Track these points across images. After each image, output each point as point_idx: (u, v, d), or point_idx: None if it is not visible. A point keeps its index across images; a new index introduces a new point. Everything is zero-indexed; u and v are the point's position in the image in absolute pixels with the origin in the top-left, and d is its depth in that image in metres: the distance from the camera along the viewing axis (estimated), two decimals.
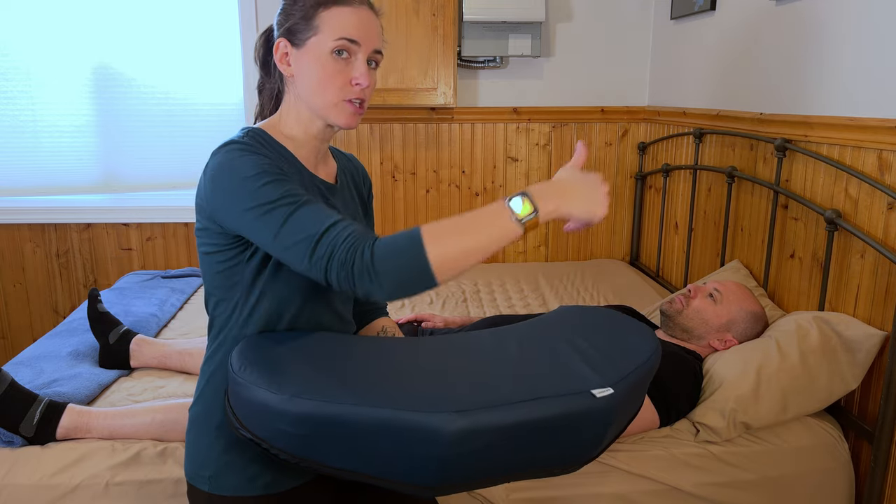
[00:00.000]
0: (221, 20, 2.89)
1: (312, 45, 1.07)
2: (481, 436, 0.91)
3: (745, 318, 1.75)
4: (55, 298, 3.09)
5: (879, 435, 1.52)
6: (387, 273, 0.91)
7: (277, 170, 1.01)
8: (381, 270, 0.92)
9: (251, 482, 1.10)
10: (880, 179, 1.59)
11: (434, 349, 1.09)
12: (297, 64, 1.09)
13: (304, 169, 1.12)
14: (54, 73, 2.87)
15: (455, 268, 0.93)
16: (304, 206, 0.97)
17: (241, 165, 1.00)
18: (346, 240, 0.94)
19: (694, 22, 2.55)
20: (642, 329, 1.14)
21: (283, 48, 1.10)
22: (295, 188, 1.00)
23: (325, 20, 1.06)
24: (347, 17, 1.06)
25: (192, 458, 1.14)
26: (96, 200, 3.00)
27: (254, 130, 1.10)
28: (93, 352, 1.94)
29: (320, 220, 0.96)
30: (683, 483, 1.50)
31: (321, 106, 1.09)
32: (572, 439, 0.96)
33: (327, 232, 0.95)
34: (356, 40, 1.07)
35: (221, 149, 1.04)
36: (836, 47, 1.73)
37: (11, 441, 1.49)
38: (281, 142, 1.11)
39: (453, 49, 2.70)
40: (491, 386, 0.97)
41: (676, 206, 2.70)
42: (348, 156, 1.32)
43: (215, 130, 2.98)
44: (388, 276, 0.92)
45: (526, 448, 0.95)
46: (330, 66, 1.07)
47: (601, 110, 3.04)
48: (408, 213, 3.09)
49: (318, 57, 1.06)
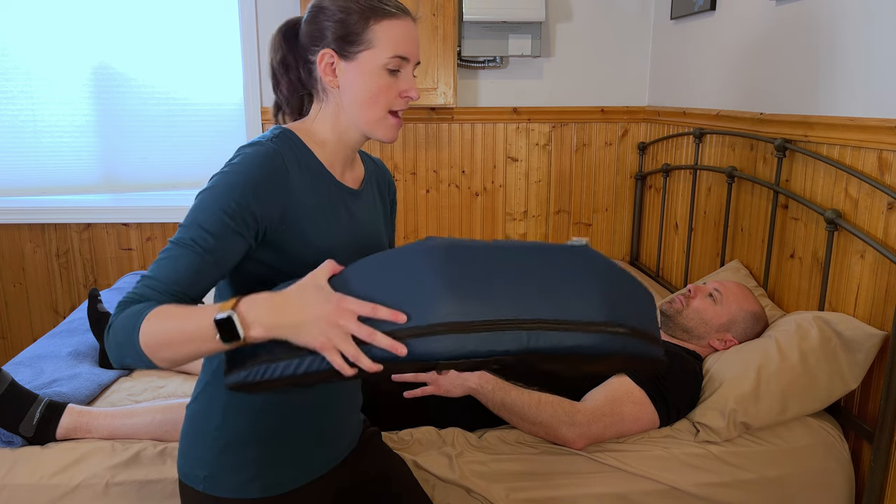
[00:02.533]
0: (221, 20, 2.89)
1: (365, 60, 1.05)
2: (463, 252, 0.90)
3: (745, 318, 1.75)
4: (55, 298, 3.09)
5: (879, 435, 1.52)
6: (111, 348, 0.94)
7: (239, 209, 0.97)
8: (108, 344, 0.95)
9: (248, 484, 1.10)
10: (880, 179, 1.59)
11: None
12: (345, 76, 1.07)
13: (328, 176, 1.11)
14: (54, 73, 2.87)
15: (163, 355, 0.91)
16: (188, 253, 0.96)
17: (230, 178, 0.99)
18: (126, 296, 0.96)
19: (694, 22, 2.55)
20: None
21: (328, 59, 1.07)
22: (220, 233, 0.96)
23: (378, 34, 1.05)
24: (399, 31, 1.06)
25: (188, 457, 1.12)
26: (96, 200, 3.00)
27: (285, 132, 1.08)
28: (93, 352, 1.94)
29: (155, 269, 0.97)
30: (683, 483, 1.50)
31: (367, 120, 1.08)
32: (566, 289, 0.92)
33: (141, 279, 0.97)
34: (407, 57, 1.07)
35: (244, 149, 1.03)
36: (836, 47, 1.73)
37: (11, 441, 1.49)
38: (310, 146, 1.10)
39: (453, 49, 2.70)
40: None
41: (676, 206, 2.70)
42: (376, 160, 1.30)
43: (215, 130, 2.98)
44: (112, 351, 0.94)
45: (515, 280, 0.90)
46: (383, 81, 1.06)
47: (601, 110, 3.04)
48: (408, 214, 3.09)
49: (372, 72, 1.05)
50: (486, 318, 0.88)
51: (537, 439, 1.55)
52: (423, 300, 0.88)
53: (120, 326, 0.93)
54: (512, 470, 1.49)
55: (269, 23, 2.87)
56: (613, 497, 1.49)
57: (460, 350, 0.87)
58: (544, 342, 0.89)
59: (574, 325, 0.90)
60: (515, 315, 0.89)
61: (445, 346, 0.86)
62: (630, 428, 1.55)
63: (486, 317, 0.88)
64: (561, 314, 0.90)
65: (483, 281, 0.89)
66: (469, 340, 0.87)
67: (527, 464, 1.49)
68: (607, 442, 1.55)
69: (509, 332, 0.88)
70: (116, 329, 0.94)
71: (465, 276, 0.89)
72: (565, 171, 3.09)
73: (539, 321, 0.89)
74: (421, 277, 0.89)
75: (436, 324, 0.87)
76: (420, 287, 0.89)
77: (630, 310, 0.97)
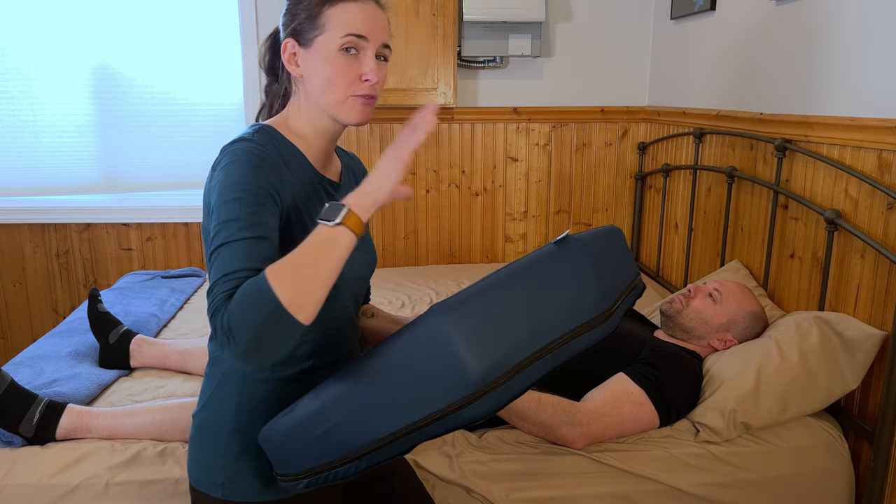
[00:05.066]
0: (221, 21, 2.89)
1: (320, 44, 1.06)
2: (470, 307, 0.92)
3: (745, 318, 1.75)
4: (55, 298, 3.09)
5: (879, 435, 1.52)
6: (242, 332, 0.87)
7: (258, 189, 0.98)
8: (236, 331, 0.87)
9: (266, 487, 1.09)
10: (880, 179, 1.59)
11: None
12: (305, 63, 1.08)
13: (311, 168, 1.12)
14: (54, 73, 2.87)
15: (308, 296, 0.89)
16: (239, 242, 0.94)
17: (233, 171, 0.99)
18: (217, 300, 0.91)
19: (694, 22, 2.55)
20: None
21: (290, 48, 1.08)
22: (253, 216, 0.96)
23: (331, 17, 1.05)
24: (353, 12, 1.05)
25: (201, 465, 1.11)
26: (96, 200, 3.00)
27: (264, 128, 1.09)
28: (93, 352, 1.94)
29: (225, 267, 0.93)
30: (683, 483, 1.50)
31: (331, 104, 1.08)
32: (564, 289, 0.96)
33: (215, 285, 0.92)
34: (364, 35, 1.06)
35: (230, 146, 1.03)
36: (836, 47, 1.73)
37: (11, 441, 1.49)
38: (291, 140, 1.10)
39: (453, 49, 2.70)
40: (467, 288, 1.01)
41: (676, 206, 2.70)
42: (351, 155, 1.31)
43: (215, 131, 2.98)
44: (245, 335, 0.87)
45: (525, 311, 0.93)
46: (339, 63, 1.05)
47: (601, 110, 3.04)
48: (408, 213, 3.09)
49: (327, 55, 1.05)
50: (514, 363, 0.92)
51: (537, 439, 1.55)
52: (456, 375, 0.90)
53: (243, 308, 0.87)
54: (512, 470, 1.49)
55: (269, 23, 2.87)
56: (613, 497, 1.49)
57: (498, 404, 0.92)
58: (565, 354, 0.95)
59: (586, 326, 0.96)
60: (538, 346, 0.94)
61: (485, 408, 0.91)
62: (630, 428, 1.55)
63: (514, 362, 0.92)
64: (574, 321, 0.96)
65: (499, 329, 0.92)
66: (505, 391, 0.92)
67: (527, 464, 1.49)
68: (607, 442, 1.55)
69: (537, 363, 0.93)
70: (240, 317, 0.87)
71: (479, 331, 0.91)
72: (565, 171, 3.09)
73: (557, 339, 0.95)
74: (444, 360, 0.91)
75: (471, 394, 0.90)
76: (448, 366, 0.91)
77: (617, 275, 1.04)
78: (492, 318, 0.92)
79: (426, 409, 0.91)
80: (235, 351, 0.88)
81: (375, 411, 0.93)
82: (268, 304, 0.86)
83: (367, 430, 0.93)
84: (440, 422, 0.92)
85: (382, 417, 0.93)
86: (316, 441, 0.95)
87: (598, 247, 1.03)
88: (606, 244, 1.06)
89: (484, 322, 0.91)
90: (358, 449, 0.95)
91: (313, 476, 0.97)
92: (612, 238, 1.10)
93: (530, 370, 0.93)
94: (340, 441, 0.94)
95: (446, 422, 0.92)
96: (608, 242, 1.07)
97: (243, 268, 0.92)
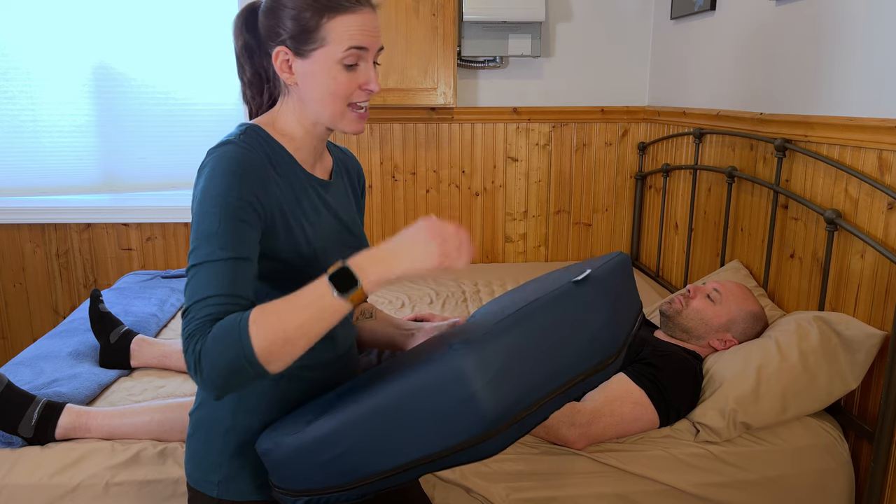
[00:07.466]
0: (221, 20, 2.89)
1: (320, 57, 1.03)
2: (493, 347, 0.92)
3: (745, 318, 1.75)
4: (55, 298, 3.09)
5: (879, 435, 1.52)
6: (210, 371, 0.88)
7: (239, 202, 0.97)
8: (205, 367, 0.88)
9: (263, 486, 1.09)
10: (880, 179, 1.59)
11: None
12: (301, 73, 1.05)
13: (299, 169, 1.11)
14: (54, 73, 2.87)
15: (283, 353, 0.88)
16: (217, 263, 0.93)
17: (214, 180, 0.97)
18: (192, 326, 0.90)
19: (694, 22, 2.55)
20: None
21: (283, 56, 1.05)
22: (234, 233, 0.95)
23: (332, 30, 1.02)
24: (353, 24, 1.03)
25: (198, 463, 1.11)
26: (96, 200, 3.00)
27: (251, 128, 1.07)
28: (93, 352, 1.94)
29: (200, 291, 0.92)
30: (683, 483, 1.50)
31: (330, 116, 1.07)
32: (583, 331, 0.98)
33: (191, 309, 0.91)
34: (365, 46, 1.04)
35: (216, 149, 1.01)
36: (836, 47, 1.73)
37: (11, 441, 1.49)
38: (279, 140, 1.09)
39: (453, 49, 2.70)
40: (482, 323, 1.01)
41: (676, 206, 2.70)
42: (343, 149, 1.30)
43: (214, 130, 2.98)
44: (211, 374, 0.88)
45: (545, 352, 0.95)
46: (340, 76, 1.04)
47: (601, 110, 3.04)
48: (408, 214, 3.09)
49: (328, 69, 1.03)
50: (528, 404, 0.94)
51: (537, 439, 1.55)
52: (474, 417, 0.91)
53: (216, 346, 0.87)
54: (512, 470, 1.49)
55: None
56: (613, 497, 1.49)
57: (507, 442, 0.94)
58: (574, 394, 0.98)
59: (600, 366, 0.99)
60: (552, 387, 0.96)
61: (495, 446, 0.93)
62: (630, 428, 1.55)
63: (527, 403, 0.94)
64: (587, 362, 0.98)
65: (519, 373, 0.94)
66: (516, 430, 0.94)
67: (527, 464, 1.49)
68: (607, 442, 1.55)
69: (549, 402, 0.96)
70: (213, 355, 0.87)
71: (501, 375, 0.92)
72: (565, 171, 3.09)
73: (569, 380, 0.97)
74: (464, 400, 0.92)
75: (485, 433, 0.92)
76: (467, 407, 0.92)
77: (627, 312, 1.07)
78: (513, 361, 0.93)
79: (439, 445, 0.92)
80: (198, 381, 0.90)
81: (387, 444, 0.93)
82: (241, 351, 0.87)
83: (376, 460, 0.94)
84: (450, 457, 0.93)
85: (394, 450, 0.93)
86: (322, 465, 0.95)
87: (612, 283, 1.04)
88: (620, 280, 1.08)
89: (506, 365, 0.92)
90: (365, 477, 0.95)
91: (314, 496, 0.98)
92: (624, 271, 1.11)
93: (542, 409, 0.95)
94: (348, 468, 0.94)
95: (456, 457, 0.93)
96: (620, 278, 1.09)
97: (220, 293, 0.91)
